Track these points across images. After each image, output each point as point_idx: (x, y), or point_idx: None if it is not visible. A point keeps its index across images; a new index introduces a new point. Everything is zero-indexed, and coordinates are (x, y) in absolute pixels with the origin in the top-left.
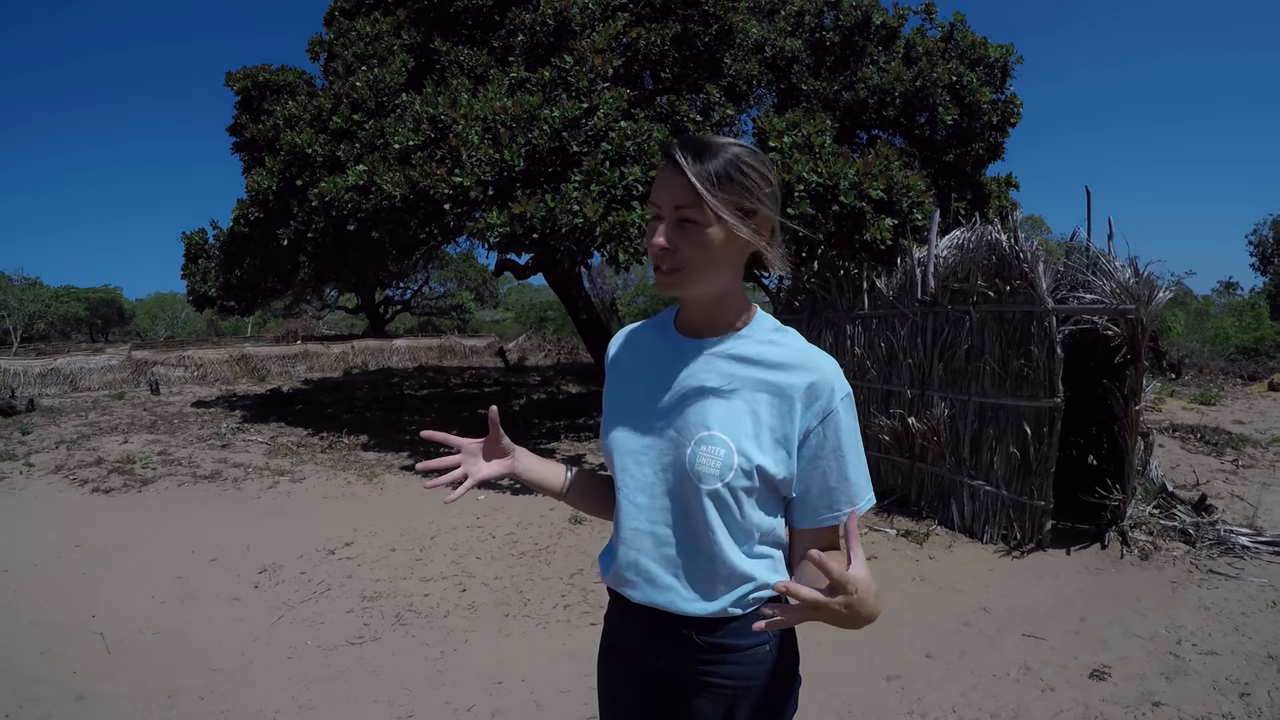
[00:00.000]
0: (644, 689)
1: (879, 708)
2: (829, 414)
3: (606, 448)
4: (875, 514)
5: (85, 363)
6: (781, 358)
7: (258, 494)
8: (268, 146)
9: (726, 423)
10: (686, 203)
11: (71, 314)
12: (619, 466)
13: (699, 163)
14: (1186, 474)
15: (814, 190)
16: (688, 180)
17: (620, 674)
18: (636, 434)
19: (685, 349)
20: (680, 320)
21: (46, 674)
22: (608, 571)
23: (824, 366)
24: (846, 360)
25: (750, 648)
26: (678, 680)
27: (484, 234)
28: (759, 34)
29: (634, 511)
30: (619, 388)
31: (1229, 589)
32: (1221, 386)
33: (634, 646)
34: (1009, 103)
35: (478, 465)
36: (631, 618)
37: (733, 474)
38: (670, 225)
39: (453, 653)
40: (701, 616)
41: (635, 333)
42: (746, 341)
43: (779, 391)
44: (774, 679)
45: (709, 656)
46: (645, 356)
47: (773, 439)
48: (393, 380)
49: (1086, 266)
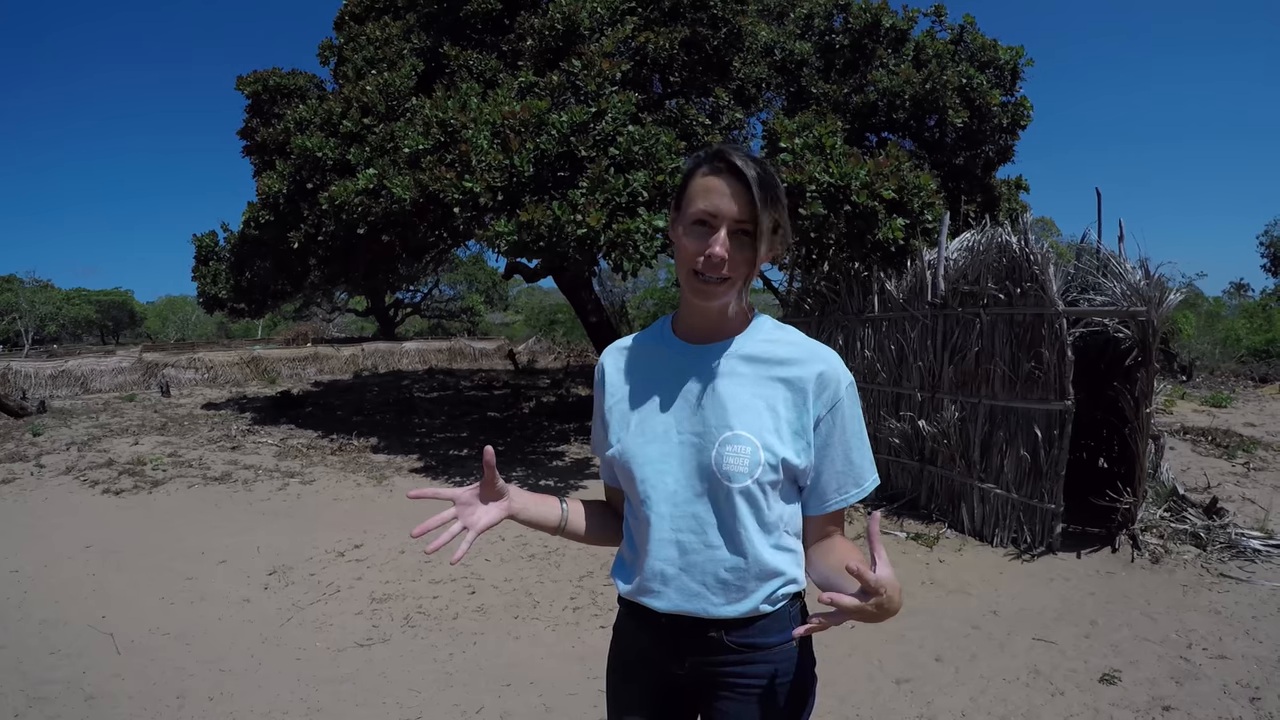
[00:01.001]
0: (659, 698)
1: (888, 712)
2: (837, 402)
3: (620, 462)
4: (885, 517)
5: (96, 365)
6: (788, 353)
7: (268, 496)
8: (278, 150)
9: (748, 421)
10: (747, 217)
11: (83, 316)
12: (639, 478)
13: (759, 178)
14: (1197, 477)
15: (826, 190)
16: (751, 196)
17: (635, 686)
18: (655, 444)
19: (693, 355)
20: (682, 328)
21: (56, 674)
22: (627, 584)
23: (829, 358)
24: (856, 363)
25: (778, 645)
26: (702, 684)
27: (493, 241)
28: (768, 37)
29: (658, 522)
30: (623, 402)
31: (1240, 592)
32: (1233, 389)
33: (654, 656)
34: (1019, 105)
35: (475, 515)
36: (653, 627)
37: (761, 469)
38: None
39: (461, 655)
40: (733, 618)
41: (629, 347)
42: (752, 341)
43: (792, 385)
44: (798, 675)
45: (738, 657)
46: (650, 368)
47: (791, 431)
48: (403, 383)
49: (1097, 269)
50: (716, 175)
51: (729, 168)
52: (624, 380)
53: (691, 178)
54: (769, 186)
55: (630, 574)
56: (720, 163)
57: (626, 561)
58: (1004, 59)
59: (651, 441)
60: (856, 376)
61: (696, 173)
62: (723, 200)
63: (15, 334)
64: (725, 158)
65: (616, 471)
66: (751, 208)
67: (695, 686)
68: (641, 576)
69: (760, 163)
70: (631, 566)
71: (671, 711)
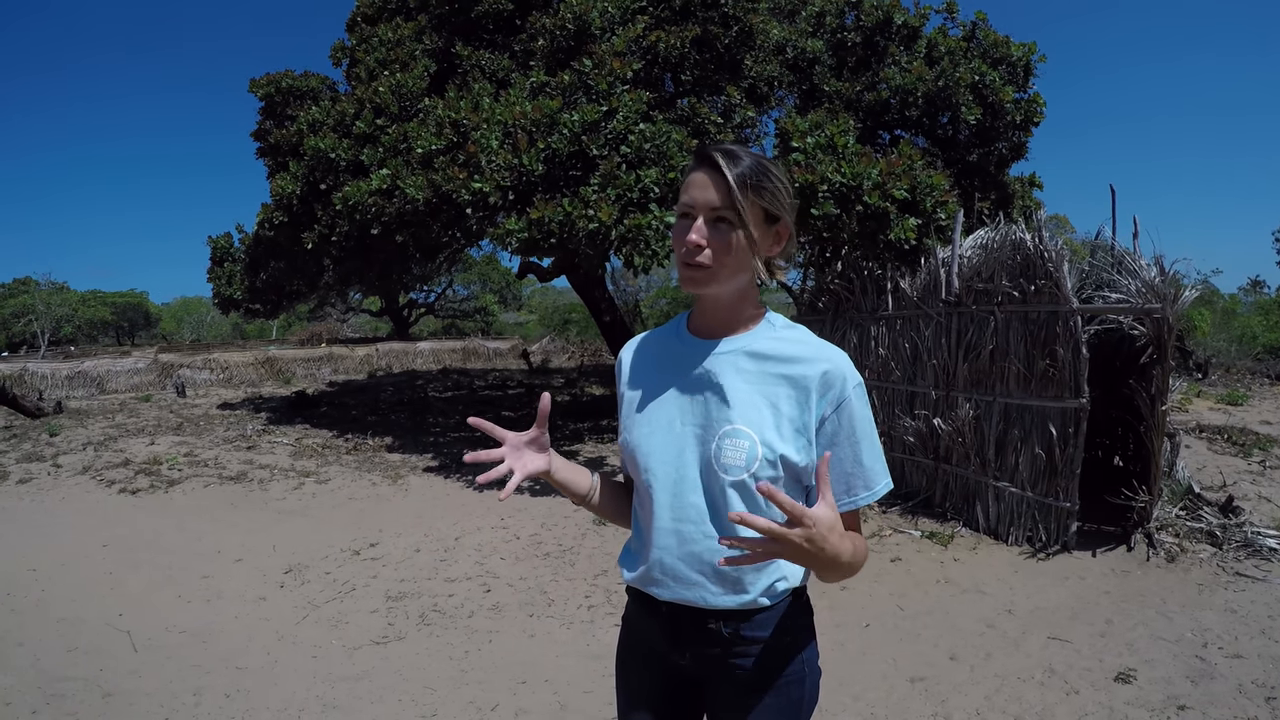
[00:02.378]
0: (666, 687)
1: (903, 710)
2: (842, 402)
3: (628, 451)
4: (900, 515)
5: (112, 365)
6: (795, 351)
7: (283, 495)
8: (292, 151)
9: (749, 416)
10: (723, 205)
11: (98, 318)
12: (643, 467)
13: (736, 168)
14: (1213, 475)
15: (837, 190)
16: (727, 184)
17: (641, 674)
18: (660, 434)
19: (702, 350)
20: (695, 323)
21: (74, 672)
22: (632, 572)
23: (835, 357)
24: (870, 361)
25: (777, 638)
26: (704, 675)
27: (504, 239)
28: (780, 35)
29: (660, 511)
30: (637, 393)
31: (1256, 591)
32: (1249, 386)
33: (658, 645)
34: (1032, 102)
35: (523, 460)
36: (657, 617)
37: (758, 464)
38: (705, 225)
39: (477, 653)
40: (731, 609)
41: (647, 341)
42: (760, 338)
43: (795, 383)
44: (799, 668)
45: (737, 649)
46: (662, 361)
47: (793, 429)
48: (417, 382)
49: (1111, 265)
50: (698, 169)
51: (707, 160)
52: (639, 373)
53: (685, 176)
54: (750, 174)
55: (635, 562)
56: (702, 155)
57: (632, 550)
58: (1016, 55)
59: (656, 432)
60: (871, 375)
61: (688, 171)
62: (700, 191)
63: (31, 335)
64: (704, 151)
65: (625, 460)
66: (728, 195)
67: (698, 677)
68: (645, 565)
69: (744, 156)
70: (637, 555)
71: (678, 701)
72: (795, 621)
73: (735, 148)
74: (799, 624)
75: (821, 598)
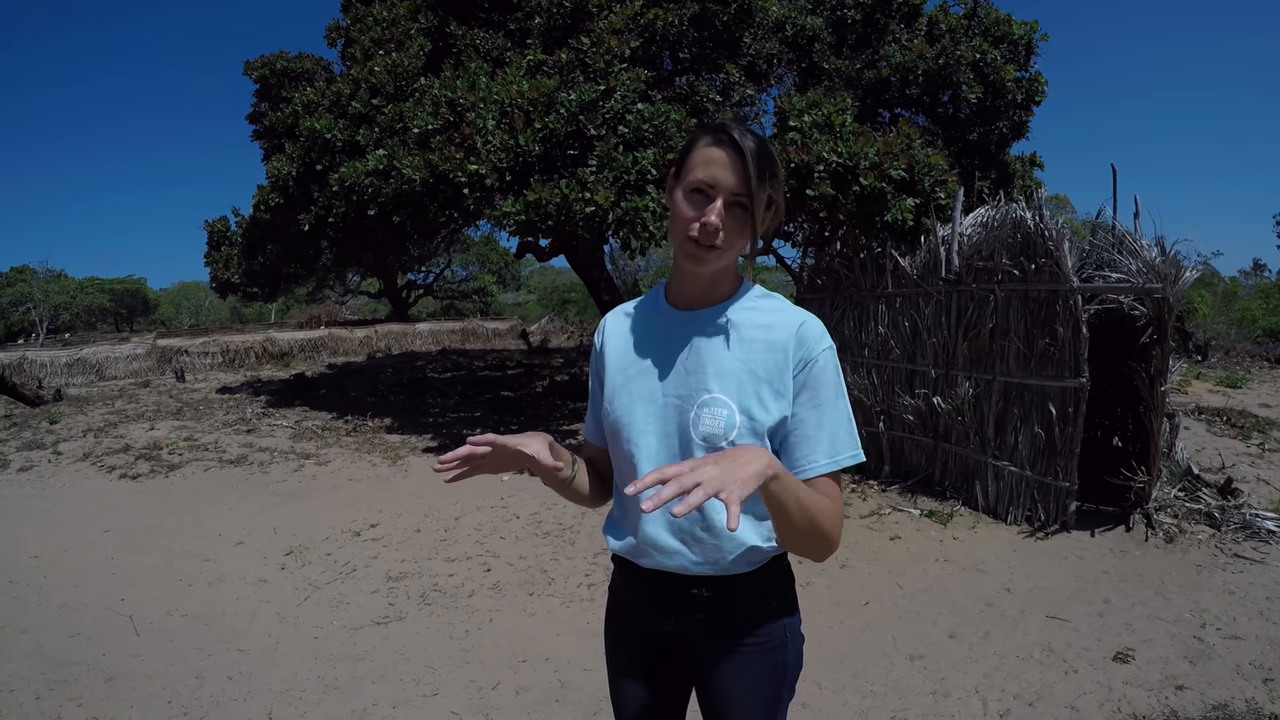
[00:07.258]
0: (653, 654)
1: (902, 687)
2: (810, 361)
3: (610, 422)
4: (899, 494)
5: (111, 352)
6: (770, 319)
7: (283, 477)
8: (287, 133)
9: (726, 384)
10: (743, 191)
11: (97, 305)
12: (625, 439)
13: (756, 153)
14: (1212, 457)
15: (834, 170)
16: (748, 172)
17: (628, 642)
18: (640, 405)
19: (681, 321)
20: (674, 295)
21: (77, 656)
22: (618, 541)
23: (808, 320)
24: (870, 339)
25: (758, 603)
26: (688, 640)
27: (501, 221)
28: (779, 12)
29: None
30: (615, 365)
31: (1254, 573)
32: (1248, 369)
33: (643, 613)
34: (1033, 80)
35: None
36: (641, 584)
37: (735, 432)
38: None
39: (477, 632)
40: (711, 576)
41: (625, 314)
42: (737, 308)
43: (771, 347)
44: (780, 633)
45: (720, 614)
46: (641, 333)
47: (772, 392)
48: (416, 364)
49: (1112, 245)
50: (719, 147)
51: (730, 142)
52: (618, 344)
53: (694, 147)
54: (766, 163)
55: (620, 531)
56: (723, 135)
57: (615, 519)
58: (1018, 34)
59: (637, 403)
60: (870, 353)
61: (699, 142)
62: (722, 172)
63: (30, 324)
64: (728, 131)
65: (606, 432)
66: (748, 183)
67: (682, 644)
68: (628, 534)
69: (760, 139)
70: (620, 524)
71: (665, 668)
72: (776, 588)
73: (747, 128)
74: (780, 590)
75: (821, 575)
